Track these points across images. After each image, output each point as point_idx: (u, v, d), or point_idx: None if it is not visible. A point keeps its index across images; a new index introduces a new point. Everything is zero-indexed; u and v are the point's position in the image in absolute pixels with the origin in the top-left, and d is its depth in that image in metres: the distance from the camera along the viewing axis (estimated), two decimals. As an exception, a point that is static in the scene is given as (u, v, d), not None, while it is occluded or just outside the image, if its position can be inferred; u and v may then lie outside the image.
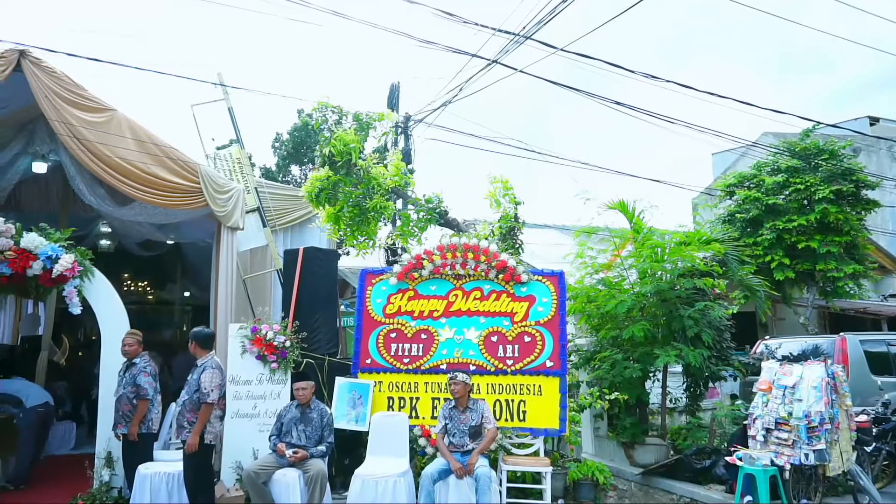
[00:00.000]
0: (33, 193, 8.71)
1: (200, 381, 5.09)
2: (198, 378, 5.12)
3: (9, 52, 6.20)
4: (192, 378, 5.22)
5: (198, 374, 5.15)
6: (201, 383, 5.08)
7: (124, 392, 5.59)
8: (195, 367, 5.28)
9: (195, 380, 5.15)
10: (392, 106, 9.53)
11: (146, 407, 5.57)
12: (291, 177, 18.92)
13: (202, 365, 5.22)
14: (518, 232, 7.68)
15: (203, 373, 5.12)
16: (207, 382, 5.08)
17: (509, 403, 6.14)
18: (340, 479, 6.25)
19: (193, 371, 5.27)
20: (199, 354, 5.31)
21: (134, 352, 5.73)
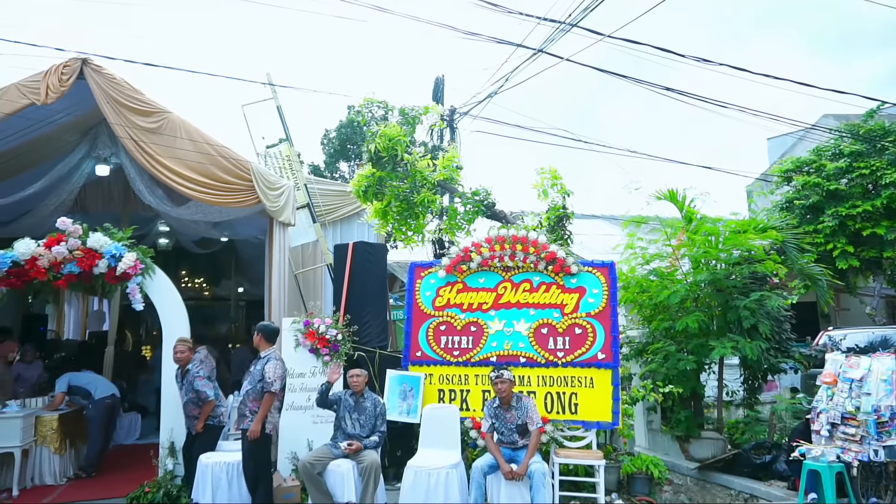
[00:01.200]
0: (97, 195, 9.12)
1: (264, 371, 5.26)
2: (261, 369, 5.28)
3: (72, 61, 6.50)
4: (254, 369, 5.38)
5: (261, 365, 5.31)
6: (265, 373, 5.25)
7: (188, 398, 5.84)
8: (258, 359, 5.43)
9: (258, 370, 5.31)
10: (437, 99, 9.54)
11: (211, 407, 5.81)
12: (339, 173, 19.16)
13: (266, 356, 5.39)
14: (567, 222, 7.59)
15: (267, 363, 5.29)
16: (271, 372, 5.25)
17: (560, 396, 6.08)
18: (393, 471, 6.33)
19: (256, 362, 5.42)
20: (262, 347, 5.47)
21: (186, 358, 5.94)
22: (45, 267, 5.74)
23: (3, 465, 6.29)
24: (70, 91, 6.50)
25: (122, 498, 5.88)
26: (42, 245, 5.75)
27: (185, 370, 5.92)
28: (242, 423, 5.28)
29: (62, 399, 6.92)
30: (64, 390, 6.94)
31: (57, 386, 6.99)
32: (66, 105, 6.81)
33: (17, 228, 7.74)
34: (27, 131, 7.10)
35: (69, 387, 7.01)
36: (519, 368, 6.14)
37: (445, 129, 9.41)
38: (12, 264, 5.67)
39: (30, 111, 6.45)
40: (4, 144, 7.11)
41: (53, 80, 6.38)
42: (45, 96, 6.30)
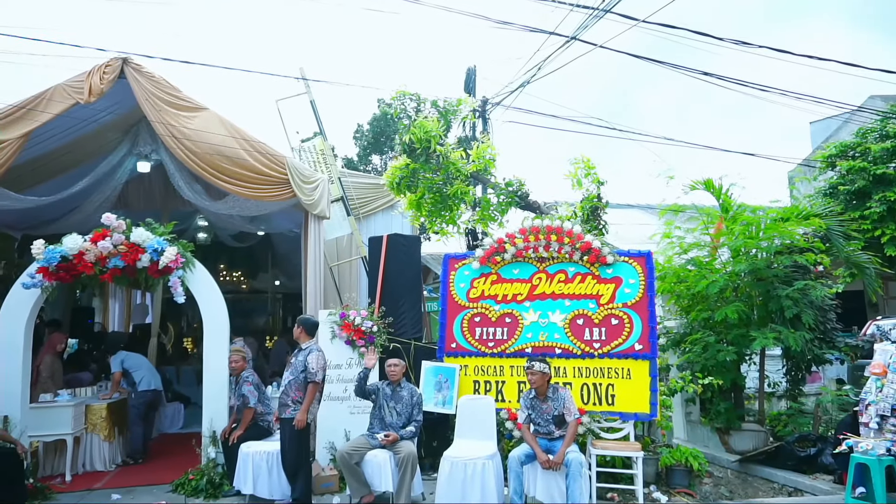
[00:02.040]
0: (139, 192, 9.37)
1: (308, 362, 5.37)
2: (304, 360, 5.40)
3: (113, 61, 6.67)
4: (296, 360, 5.49)
5: (304, 356, 5.43)
6: (308, 364, 5.37)
7: (237, 403, 6.07)
8: (299, 350, 5.53)
9: (301, 361, 5.42)
10: (469, 90, 9.50)
11: (251, 414, 5.97)
12: (372, 166, 19.29)
13: (307, 348, 5.50)
14: (601, 212, 7.50)
15: (309, 354, 5.42)
16: (314, 363, 5.38)
17: (597, 387, 6.03)
18: (429, 461, 6.39)
19: (297, 353, 5.53)
20: (302, 340, 5.58)
21: (240, 367, 6.17)
22: (91, 261, 5.92)
23: (57, 451, 6.55)
24: (111, 90, 6.68)
25: (167, 484, 6.07)
26: (88, 240, 5.93)
27: (239, 376, 6.15)
28: (284, 412, 5.39)
29: (120, 378, 7.22)
30: (119, 369, 7.23)
31: (112, 364, 7.31)
32: (108, 104, 7.00)
33: (65, 225, 8.02)
34: (72, 130, 7.34)
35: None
36: (555, 360, 6.10)
37: (477, 121, 9.37)
38: (61, 259, 5.86)
39: (75, 110, 6.65)
40: (52, 144, 7.36)
41: (95, 79, 6.56)
42: (88, 95, 6.48)
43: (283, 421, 5.42)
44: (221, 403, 6.33)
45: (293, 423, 5.30)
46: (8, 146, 6.35)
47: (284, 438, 5.40)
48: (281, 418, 5.47)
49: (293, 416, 5.33)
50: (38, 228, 8.33)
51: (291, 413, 5.33)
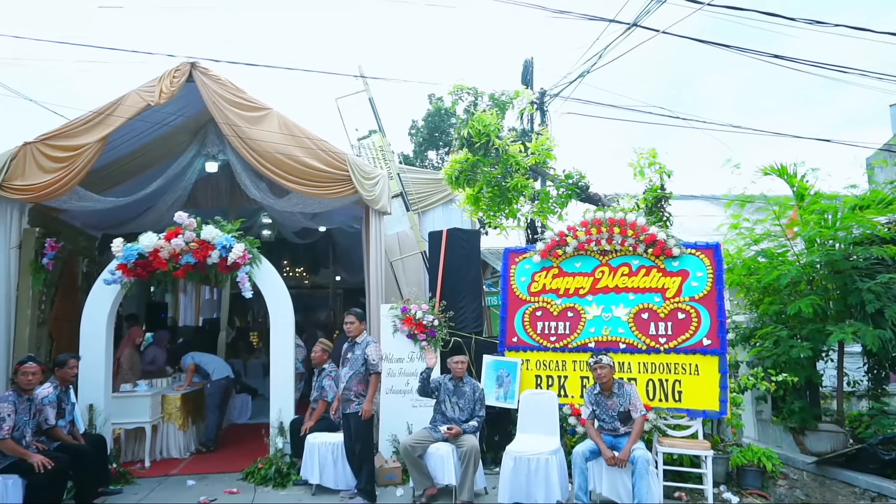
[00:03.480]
0: (207, 191, 9.72)
1: (367, 354, 5.51)
2: (362, 353, 5.52)
3: (182, 65, 6.94)
4: (353, 354, 5.60)
5: (361, 350, 5.54)
6: (368, 356, 5.50)
7: (318, 394, 6.25)
8: (353, 344, 5.64)
9: (359, 355, 5.53)
10: (526, 82, 9.37)
11: (325, 406, 6.15)
12: (428, 161, 19.38)
13: (363, 341, 5.61)
14: (665, 203, 7.27)
15: (367, 347, 5.54)
16: (374, 354, 5.54)
17: (663, 383, 5.87)
18: (491, 455, 6.38)
19: (353, 348, 5.64)
20: (358, 332, 5.67)
21: (319, 359, 6.37)
22: (165, 258, 6.20)
23: (136, 438, 6.89)
24: (181, 93, 6.94)
25: (238, 472, 6.30)
26: (163, 238, 6.21)
27: (321, 369, 6.33)
28: (348, 408, 5.50)
29: (194, 370, 7.59)
30: (192, 361, 7.62)
31: (184, 362, 7.69)
32: (178, 107, 7.28)
33: (140, 224, 8.40)
34: (146, 134, 7.68)
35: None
36: (618, 354, 5.98)
37: (536, 113, 9.25)
38: (138, 256, 6.16)
39: (147, 114, 6.94)
40: (128, 147, 7.72)
41: (166, 83, 6.84)
42: (159, 97, 6.75)
43: (348, 416, 5.53)
44: (288, 395, 6.50)
45: (359, 414, 5.41)
46: (88, 149, 6.70)
47: (350, 432, 5.52)
48: (345, 413, 5.57)
49: (357, 410, 5.44)
50: (117, 228, 8.76)
51: (356, 407, 5.45)
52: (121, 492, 5.72)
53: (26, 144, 6.74)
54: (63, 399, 5.42)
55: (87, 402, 6.09)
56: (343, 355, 5.73)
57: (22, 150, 6.71)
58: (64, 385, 5.48)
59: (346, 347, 5.75)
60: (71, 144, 6.71)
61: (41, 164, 6.70)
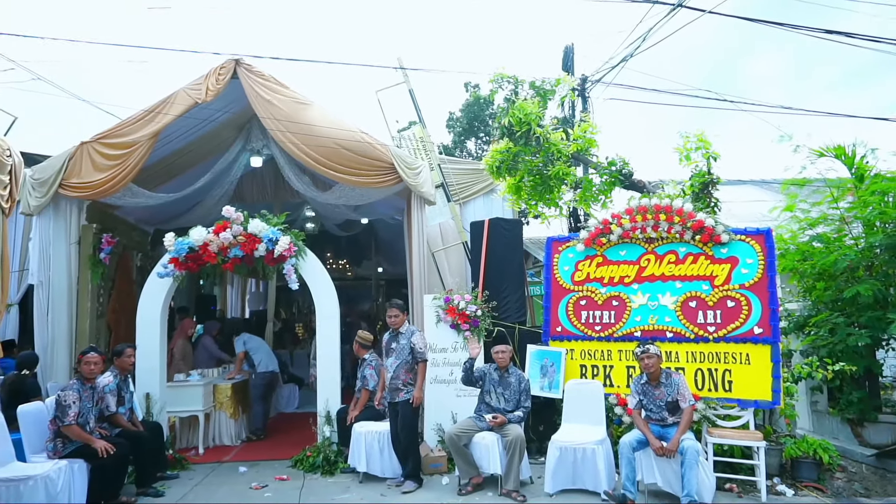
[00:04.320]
0: (252, 185, 9.93)
1: (413, 343, 5.60)
2: (408, 342, 5.59)
3: (227, 63, 7.08)
4: (398, 344, 5.67)
5: (407, 339, 5.63)
6: (415, 345, 5.59)
7: (360, 384, 6.38)
8: (397, 334, 5.70)
9: (405, 344, 5.60)
10: (567, 69, 9.23)
11: (367, 396, 6.27)
12: (467, 151, 19.34)
13: (407, 331, 5.68)
14: (713, 189, 7.08)
15: (413, 336, 5.64)
16: (420, 342, 5.64)
17: (712, 373, 5.74)
18: (535, 445, 6.37)
19: (397, 338, 5.71)
20: (401, 323, 5.75)
21: (358, 352, 6.54)
22: (215, 251, 6.36)
23: (190, 426, 7.13)
24: (226, 90, 7.09)
25: (287, 459, 6.44)
26: (212, 232, 6.37)
27: (363, 359, 6.46)
28: (396, 397, 5.57)
29: (244, 357, 7.78)
30: (242, 349, 7.81)
31: (236, 346, 7.90)
32: (223, 104, 7.44)
33: (189, 219, 8.65)
34: (193, 131, 7.88)
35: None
36: (666, 344, 5.88)
37: (577, 99, 9.10)
38: (189, 250, 6.34)
39: (195, 111, 7.12)
40: (177, 143, 7.95)
41: (212, 80, 6.99)
42: (206, 95, 6.91)
43: (396, 404, 5.59)
44: (334, 385, 6.61)
45: (410, 402, 5.50)
46: (140, 147, 6.92)
47: (399, 421, 5.58)
48: (392, 402, 5.63)
49: (406, 398, 5.51)
50: (168, 223, 9.04)
51: (405, 396, 5.53)
52: (177, 477, 5.93)
53: (83, 144, 7.01)
54: (122, 387, 5.65)
55: (143, 391, 6.32)
56: (386, 346, 5.80)
57: (79, 149, 6.98)
58: (123, 374, 5.71)
59: (388, 338, 5.81)
60: (123, 142, 6.94)
61: (96, 162, 6.96)
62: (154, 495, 5.35)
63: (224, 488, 5.62)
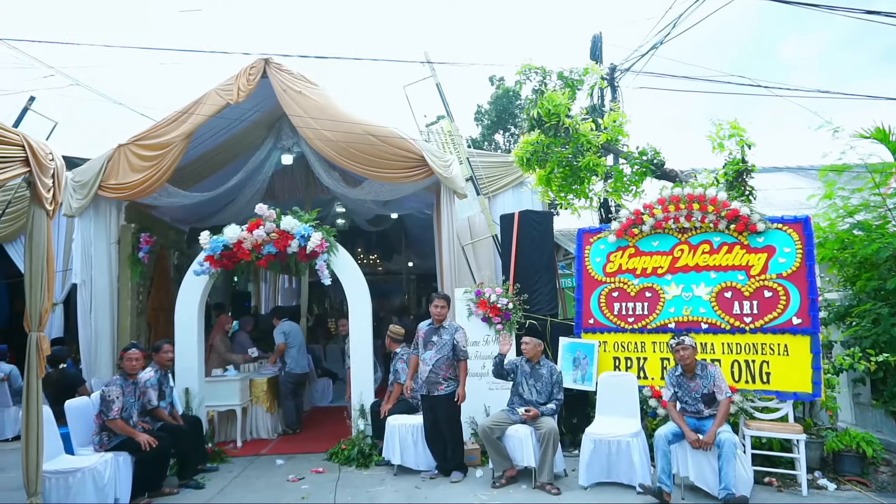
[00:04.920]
0: (283, 183, 10.08)
1: (456, 340, 5.65)
2: (451, 338, 5.64)
3: (257, 62, 7.18)
4: (440, 339, 5.69)
5: (450, 335, 5.67)
6: (458, 342, 5.64)
7: (394, 378, 6.45)
8: (442, 329, 5.74)
9: (447, 340, 5.65)
10: (595, 58, 9.10)
11: (400, 389, 6.32)
12: (496, 145, 19.27)
13: (450, 326, 5.73)
14: (747, 177, 6.93)
15: (456, 333, 5.69)
16: (463, 341, 5.69)
17: (749, 364, 5.64)
18: (569, 437, 6.35)
19: (440, 332, 5.73)
20: (446, 316, 5.79)
21: (390, 346, 6.68)
22: (248, 248, 6.48)
23: (228, 420, 7.29)
24: (256, 90, 7.19)
25: (322, 452, 6.55)
26: (245, 229, 6.49)
27: (395, 353, 6.56)
28: (436, 389, 5.61)
29: (284, 348, 7.87)
30: (283, 340, 7.89)
31: (276, 337, 7.99)
32: (254, 103, 7.55)
33: (223, 217, 8.82)
34: (225, 130, 8.02)
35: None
36: (701, 335, 5.79)
37: (606, 89, 8.99)
38: (224, 247, 6.47)
39: (226, 111, 7.25)
40: (210, 143, 8.10)
41: (243, 80, 7.10)
42: (237, 95, 7.03)
43: (436, 398, 5.62)
44: (367, 379, 6.68)
45: (454, 398, 5.57)
46: (174, 147, 7.07)
47: (434, 414, 5.62)
48: (431, 395, 5.65)
49: (447, 392, 5.57)
50: (202, 221, 9.24)
51: (445, 390, 5.57)
52: (217, 469, 6.08)
53: (119, 146, 7.20)
54: (163, 382, 5.81)
55: (183, 386, 6.49)
56: (426, 338, 5.78)
57: (116, 151, 7.17)
58: (163, 369, 5.87)
59: (429, 330, 5.80)
60: (158, 143, 7.10)
61: (133, 163, 7.14)
62: (195, 487, 5.49)
63: (262, 480, 5.74)
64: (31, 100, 9.26)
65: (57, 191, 4.26)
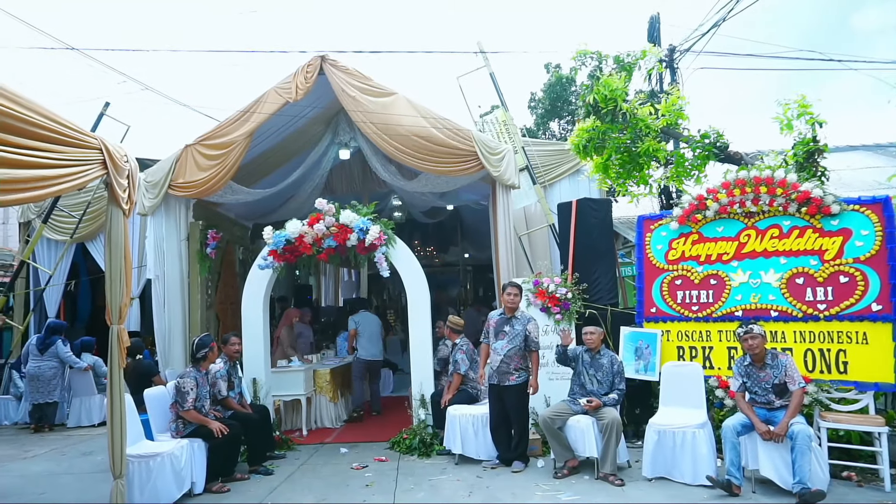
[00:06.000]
0: (341, 177, 10.27)
1: (528, 331, 5.65)
2: (523, 329, 5.66)
3: (314, 60, 7.32)
4: (512, 329, 5.70)
5: (522, 326, 5.68)
6: (530, 333, 5.65)
7: (454, 369, 6.49)
8: (515, 319, 5.74)
9: (520, 331, 5.66)
10: (653, 40, 8.84)
11: (459, 380, 6.37)
12: (550, 133, 19.02)
13: (522, 316, 5.75)
14: (819, 157, 6.58)
15: (529, 324, 5.69)
16: (536, 333, 5.69)
17: (824, 353, 5.39)
18: (632, 428, 6.25)
19: (512, 322, 5.73)
20: (518, 305, 5.80)
21: (448, 335, 6.75)
22: (310, 242, 6.65)
23: (294, 409, 7.53)
24: (314, 87, 7.34)
25: (385, 441, 6.67)
26: (306, 224, 6.66)
27: (454, 344, 6.61)
28: (506, 380, 5.62)
29: (356, 334, 8.31)
30: (354, 327, 8.34)
31: (349, 324, 8.49)
32: (311, 100, 7.71)
33: (284, 212, 9.07)
34: (284, 128, 8.23)
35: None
36: (770, 323, 5.57)
37: (665, 71, 8.72)
38: (286, 242, 6.66)
39: (285, 109, 7.43)
40: (271, 141, 8.33)
41: (300, 78, 7.26)
42: (296, 94, 7.20)
43: (506, 388, 5.63)
44: (427, 369, 6.76)
45: (524, 388, 5.59)
46: (237, 146, 7.31)
47: (502, 403, 5.64)
48: (502, 386, 5.66)
49: (518, 382, 5.59)
50: (264, 217, 9.52)
51: (516, 380, 5.59)
52: (284, 457, 6.29)
53: (187, 147, 7.50)
54: (232, 373, 6.04)
55: (251, 377, 6.74)
56: (496, 327, 5.79)
57: (183, 151, 7.48)
58: (232, 361, 6.10)
59: (500, 319, 5.80)
60: (222, 143, 7.36)
61: (199, 162, 7.43)
62: (264, 473, 5.70)
63: (327, 468, 5.90)
64: (106, 105, 9.76)
65: (132, 191, 4.48)
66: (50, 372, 8.17)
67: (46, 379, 8.15)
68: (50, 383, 8.18)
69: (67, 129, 3.59)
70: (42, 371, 8.15)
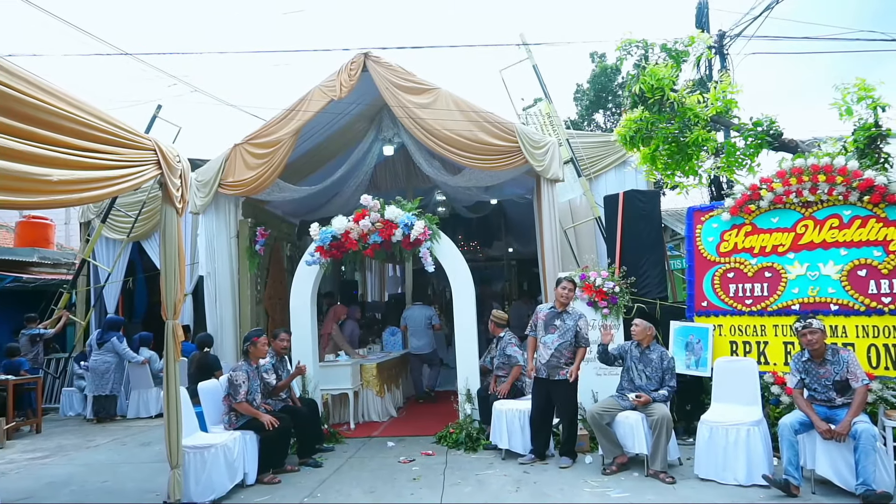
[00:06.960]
0: (385, 173, 10.36)
1: (579, 327, 5.63)
2: (574, 324, 5.63)
3: (357, 57, 7.39)
4: (563, 323, 5.66)
5: (574, 321, 5.65)
6: (580, 329, 5.63)
7: (500, 362, 6.51)
8: (566, 314, 5.70)
9: (571, 326, 5.63)
10: (701, 26, 8.56)
11: (518, 371, 6.36)
12: (595, 124, 18.71)
13: (574, 312, 5.73)
14: (882, 143, 6.27)
15: (580, 320, 5.66)
16: (586, 329, 5.67)
17: (889, 349, 5.14)
18: (682, 425, 6.11)
19: (563, 317, 5.70)
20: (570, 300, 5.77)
21: (494, 331, 6.73)
22: (355, 238, 6.73)
23: (341, 403, 7.65)
24: (357, 84, 7.41)
25: (431, 436, 6.70)
26: (352, 220, 6.73)
27: (499, 337, 6.62)
28: (556, 374, 5.59)
29: (405, 330, 8.72)
30: (404, 323, 8.73)
31: (402, 321, 8.94)
32: (355, 97, 7.80)
33: (329, 209, 9.21)
34: (329, 126, 8.35)
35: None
36: (830, 317, 5.36)
37: (714, 58, 8.44)
38: (332, 238, 6.75)
39: (330, 107, 7.53)
40: (316, 139, 8.48)
41: (344, 76, 7.35)
42: (340, 92, 7.29)
43: (555, 382, 5.59)
44: (473, 364, 6.75)
45: (573, 383, 5.56)
46: (283, 144, 7.46)
47: (549, 397, 5.62)
48: (551, 380, 5.62)
49: (567, 378, 5.52)
50: (310, 214, 9.69)
51: (565, 375, 5.53)
52: (332, 450, 6.39)
53: (235, 146, 7.69)
54: (279, 367, 6.17)
55: (299, 371, 6.86)
56: (547, 321, 5.74)
57: (232, 151, 7.67)
58: (279, 355, 6.23)
59: (551, 313, 5.75)
60: (269, 141, 7.52)
61: (247, 161, 7.61)
62: (314, 465, 5.81)
63: (375, 461, 5.97)
64: (158, 108, 10.09)
65: (184, 190, 4.62)
66: (105, 366, 8.56)
67: (101, 372, 8.54)
68: (104, 377, 8.57)
69: (124, 131, 3.72)
70: (99, 365, 8.55)
